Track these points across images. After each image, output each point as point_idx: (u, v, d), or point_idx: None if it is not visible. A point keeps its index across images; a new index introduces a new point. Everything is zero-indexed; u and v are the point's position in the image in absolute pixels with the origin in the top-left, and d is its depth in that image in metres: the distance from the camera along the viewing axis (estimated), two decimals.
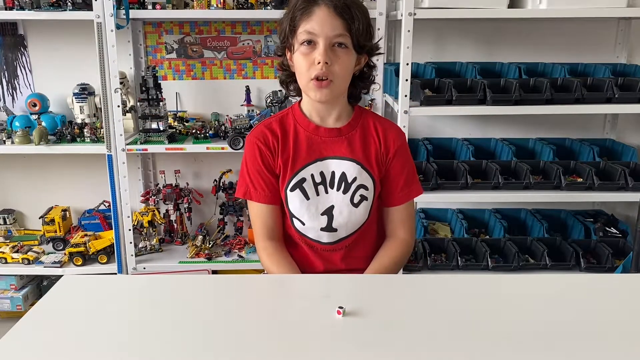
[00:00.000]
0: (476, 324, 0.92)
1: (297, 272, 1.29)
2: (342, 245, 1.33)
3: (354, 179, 1.29)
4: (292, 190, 1.29)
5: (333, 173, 1.29)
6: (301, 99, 1.33)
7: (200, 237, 2.51)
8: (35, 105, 2.42)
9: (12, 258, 2.40)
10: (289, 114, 1.32)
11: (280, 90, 2.43)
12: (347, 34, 1.18)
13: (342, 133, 1.29)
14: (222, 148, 2.28)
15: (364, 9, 1.21)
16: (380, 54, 1.31)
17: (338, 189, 1.29)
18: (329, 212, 1.30)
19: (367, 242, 1.36)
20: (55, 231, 2.51)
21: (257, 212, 1.32)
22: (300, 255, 1.35)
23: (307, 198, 1.29)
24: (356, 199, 1.30)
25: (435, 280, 1.24)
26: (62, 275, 1.14)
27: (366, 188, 1.30)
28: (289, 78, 1.30)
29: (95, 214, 2.59)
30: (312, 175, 1.28)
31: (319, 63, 1.17)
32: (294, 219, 1.31)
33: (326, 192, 1.30)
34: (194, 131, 2.42)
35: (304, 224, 1.31)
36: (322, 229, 1.31)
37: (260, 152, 1.28)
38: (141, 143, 2.31)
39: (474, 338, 0.88)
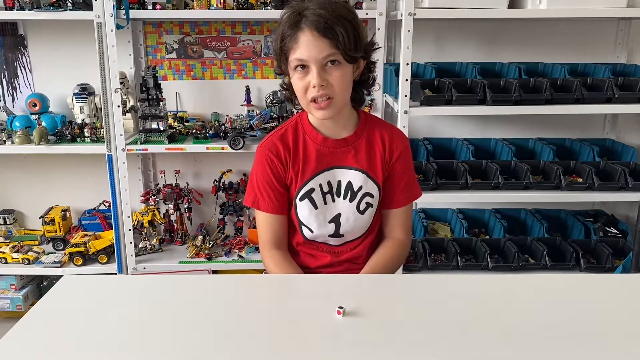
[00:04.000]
0: (476, 324, 0.92)
1: None
2: (349, 247, 1.37)
3: (360, 188, 1.32)
4: (301, 199, 1.32)
5: (340, 182, 1.32)
6: None
7: (200, 237, 2.51)
8: (35, 105, 2.42)
9: (12, 258, 2.40)
10: (297, 125, 1.33)
11: (280, 90, 2.42)
12: (336, 51, 1.17)
13: (348, 143, 1.32)
14: (222, 148, 2.28)
15: (349, 17, 1.19)
16: (377, 48, 1.30)
17: (345, 198, 1.32)
18: (336, 219, 1.33)
19: (371, 238, 1.39)
20: (55, 231, 2.51)
21: (265, 222, 1.34)
22: (307, 254, 1.38)
23: (316, 207, 1.32)
24: (362, 206, 1.33)
25: (435, 280, 1.24)
26: (62, 275, 1.14)
27: (371, 196, 1.33)
28: (292, 95, 1.31)
29: (95, 214, 2.59)
30: (321, 185, 1.31)
31: (314, 87, 1.19)
32: (302, 226, 1.34)
33: (333, 200, 1.33)
34: (194, 131, 2.42)
35: (312, 232, 1.34)
36: (329, 236, 1.35)
37: (271, 164, 1.30)
38: (141, 143, 2.31)
39: (474, 338, 0.88)
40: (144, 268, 2.38)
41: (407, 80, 2.05)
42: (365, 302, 0.99)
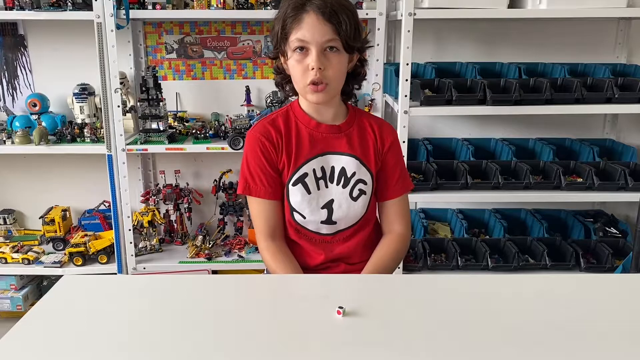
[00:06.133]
0: (476, 324, 0.92)
1: (300, 272, 1.31)
2: (341, 236, 1.36)
3: (353, 174, 1.32)
4: (294, 184, 1.31)
5: (333, 168, 1.32)
6: (299, 97, 1.35)
7: (200, 237, 2.51)
8: (35, 105, 2.42)
9: (12, 258, 2.40)
10: (289, 111, 1.35)
11: (279, 90, 2.42)
12: (337, 38, 1.20)
13: (341, 130, 1.33)
14: (222, 148, 2.28)
15: (351, 9, 1.24)
16: (370, 47, 1.34)
17: (338, 183, 1.33)
18: (328, 205, 1.33)
19: (365, 233, 1.38)
20: (55, 231, 2.51)
21: (258, 209, 1.33)
22: (300, 246, 1.37)
23: (309, 192, 1.31)
24: (355, 193, 1.33)
25: (435, 280, 1.24)
26: (62, 275, 1.14)
27: (364, 182, 1.33)
28: (283, 80, 1.33)
29: (95, 214, 2.59)
30: (314, 170, 1.31)
31: (312, 69, 1.20)
32: (294, 212, 1.33)
33: (326, 186, 1.33)
34: (194, 131, 2.42)
35: (304, 218, 1.33)
36: (322, 222, 1.34)
37: (263, 148, 1.30)
38: (141, 143, 2.31)
39: (474, 338, 0.88)
40: (144, 268, 2.38)
41: (407, 80, 2.05)
42: (365, 302, 0.99)
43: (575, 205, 2.52)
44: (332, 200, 1.32)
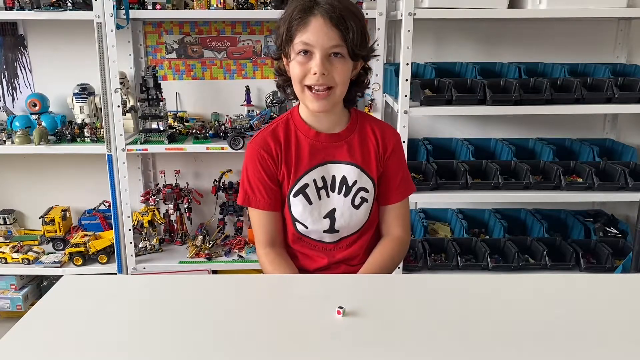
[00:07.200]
0: (476, 324, 0.92)
1: None
2: (344, 243, 1.36)
3: (354, 182, 1.31)
4: (295, 195, 1.30)
5: (334, 177, 1.31)
6: (299, 103, 1.34)
7: (200, 237, 2.51)
8: (35, 105, 2.42)
9: (12, 258, 2.40)
10: (289, 120, 1.33)
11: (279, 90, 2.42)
12: (343, 44, 1.18)
13: (341, 138, 1.31)
14: (222, 148, 2.28)
15: (359, 16, 1.21)
16: (375, 56, 1.31)
17: (339, 192, 1.32)
18: (330, 215, 1.32)
19: (368, 237, 1.38)
20: (55, 231, 2.51)
21: (258, 219, 1.33)
22: (303, 253, 1.37)
23: (310, 203, 1.31)
24: (357, 201, 1.32)
25: (435, 280, 1.24)
26: (62, 275, 1.14)
27: (366, 190, 1.32)
28: (285, 82, 1.31)
29: (95, 214, 2.59)
30: (315, 180, 1.30)
31: (315, 74, 1.18)
32: (296, 223, 1.33)
33: (328, 195, 1.32)
34: (194, 131, 2.42)
35: (306, 227, 1.33)
36: (324, 231, 1.33)
37: (262, 160, 1.29)
38: (141, 143, 2.31)
39: (474, 338, 0.88)
40: (144, 268, 2.38)
41: (407, 80, 2.05)
42: (365, 302, 0.99)
43: (575, 205, 2.52)
44: (334, 210, 1.31)
